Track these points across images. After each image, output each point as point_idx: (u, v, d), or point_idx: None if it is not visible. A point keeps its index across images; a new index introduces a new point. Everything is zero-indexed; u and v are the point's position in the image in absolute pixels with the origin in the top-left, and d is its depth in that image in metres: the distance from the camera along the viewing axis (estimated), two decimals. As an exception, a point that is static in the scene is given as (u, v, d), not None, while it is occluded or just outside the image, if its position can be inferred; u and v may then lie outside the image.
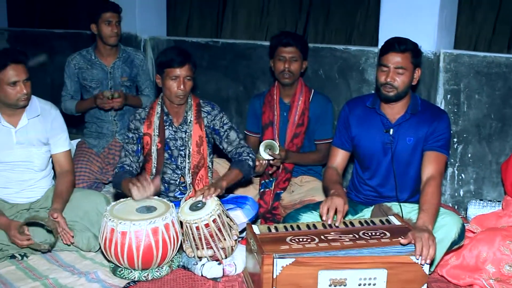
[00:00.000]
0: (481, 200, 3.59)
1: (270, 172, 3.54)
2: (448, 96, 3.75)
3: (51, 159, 3.24)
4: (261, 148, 3.44)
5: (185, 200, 3.04)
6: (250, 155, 3.18)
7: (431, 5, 3.64)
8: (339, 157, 3.08)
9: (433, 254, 2.39)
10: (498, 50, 4.75)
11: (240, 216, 3.06)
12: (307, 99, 3.63)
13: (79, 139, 4.27)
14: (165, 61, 3.11)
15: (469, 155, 3.76)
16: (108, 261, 2.96)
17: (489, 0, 4.91)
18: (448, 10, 3.77)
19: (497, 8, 4.86)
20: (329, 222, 2.65)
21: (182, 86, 3.09)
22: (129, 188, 2.92)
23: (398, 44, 2.77)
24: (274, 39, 3.60)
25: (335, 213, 2.67)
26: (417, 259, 2.41)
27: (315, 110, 3.63)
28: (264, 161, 3.43)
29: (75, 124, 4.75)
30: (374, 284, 2.44)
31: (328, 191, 2.89)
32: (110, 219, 2.78)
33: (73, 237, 3.02)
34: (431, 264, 2.58)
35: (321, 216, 2.69)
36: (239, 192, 3.57)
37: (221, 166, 3.67)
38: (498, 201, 3.46)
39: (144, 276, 2.84)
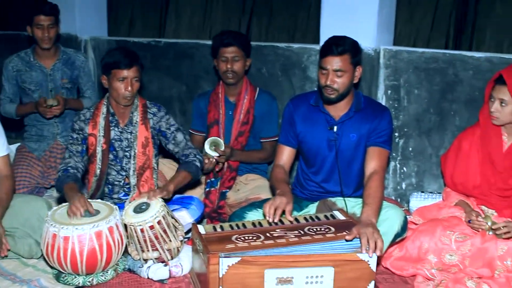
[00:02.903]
0: (422, 192, 3.68)
1: (216, 170, 3.53)
2: (389, 91, 3.82)
3: (-12, 165, 3.13)
4: (206, 146, 3.44)
5: (129, 202, 3.00)
6: (197, 156, 3.16)
7: (370, 4, 3.70)
8: (286, 154, 3.09)
9: (381, 245, 2.41)
10: (436, 47, 4.87)
11: (186, 217, 3.04)
12: (252, 98, 3.64)
13: (18, 144, 4.15)
14: (112, 62, 3.05)
15: (410, 149, 3.85)
16: (51, 267, 2.88)
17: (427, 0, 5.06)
18: (387, 8, 3.85)
19: (434, 8, 4.99)
20: (271, 220, 2.63)
21: (129, 88, 3.05)
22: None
23: (336, 47, 2.76)
24: (216, 39, 3.59)
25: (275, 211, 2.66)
26: (366, 256, 2.41)
27: (261, 108, 3.64)
28: (212, 159, 3.42)
29: (14, 128, 4.61)
30: (321, 282, 2.44)
31: (274, 190, 2.90)
32: (51, 224, 2.71)
33: (9, 250, 2.92)
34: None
35: (265, 216, 2.69)
36: (186, 193, 3.54)
37: (167, 167, 3.63)
38: (439, 193, 3.55)
39: (89, 281, 2.78)
